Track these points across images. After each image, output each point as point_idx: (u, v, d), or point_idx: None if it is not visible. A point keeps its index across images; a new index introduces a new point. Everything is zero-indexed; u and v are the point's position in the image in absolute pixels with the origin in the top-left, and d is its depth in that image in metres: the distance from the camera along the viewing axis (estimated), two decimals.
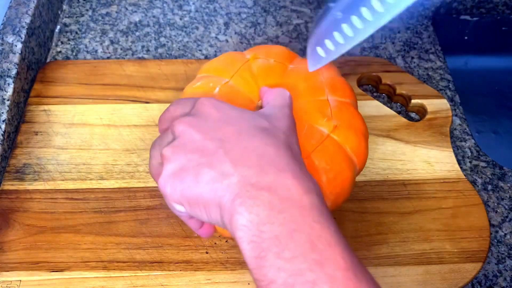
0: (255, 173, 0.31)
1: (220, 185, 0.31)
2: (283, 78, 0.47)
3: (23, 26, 0.58)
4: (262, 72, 0.46)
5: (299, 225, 0.29)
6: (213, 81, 0.46)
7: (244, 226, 0.29)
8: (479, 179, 0.54)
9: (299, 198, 0.30)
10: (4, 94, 0.53)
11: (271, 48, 0.50)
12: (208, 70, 0.48)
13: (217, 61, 0.49)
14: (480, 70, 0.68)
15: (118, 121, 0.56)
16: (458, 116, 0.59)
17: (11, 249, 0.46)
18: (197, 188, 0.32)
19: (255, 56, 0.48)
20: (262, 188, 0.30)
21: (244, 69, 0.47)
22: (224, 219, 0.31)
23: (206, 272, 0.46)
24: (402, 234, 0.48)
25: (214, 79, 0.46)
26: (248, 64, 0.47)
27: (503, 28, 0.72)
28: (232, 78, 0.46)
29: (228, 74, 0.46)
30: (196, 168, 0.32)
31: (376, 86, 0.61)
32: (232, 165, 0.31)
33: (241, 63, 0.47)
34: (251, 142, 0.32)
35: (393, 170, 0.53)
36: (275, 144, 0.32)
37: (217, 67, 0.48)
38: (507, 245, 0.50)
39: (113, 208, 0.49)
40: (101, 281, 0.45)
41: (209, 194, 0.31)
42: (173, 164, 0.33)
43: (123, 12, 0.69)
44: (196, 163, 0.32)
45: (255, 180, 0.30)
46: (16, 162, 0.52)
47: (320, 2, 0.71)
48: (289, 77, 0.47)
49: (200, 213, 0.33)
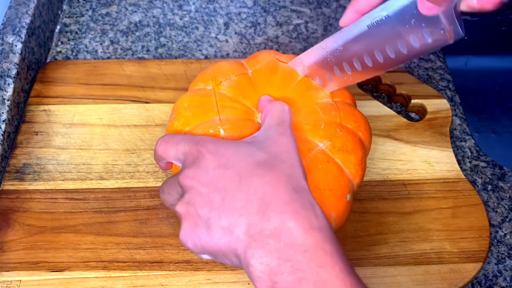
0: (259, 220, 0.32)
1: (231, 237, 0.33)
2: (254, 83, 0.46)
3: (23, 26, 0.58)
4: (235, 91, 0.45)
5: (305, 273, 0.30)
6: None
7: (258, 277, 0.31)
8: (479, 179, 0.54)
9: (302, 240, 0.31)
10: (4, 94, 0.53)
11: (219, 67, 0.48)
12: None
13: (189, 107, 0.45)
14: (480, 70, 0.69)
15: (118, 121, 0.56)
16: (458, 116, 0.59)
17: (11, 249, 0.46)
18: (213, 242, 0.33)
19: (216, 83, 0.46)
20: (268, 236, 0.31)
21: (220, 99, 0.45)
22: (244, 269, 0.33)
23: (206, 272, 0.46)
24: (402, 234, 0.49)
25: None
26: (218, 93, 0.45)
27: (503, 28, 0.72)
28: (218, 113, 0.44)
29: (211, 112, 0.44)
30: (208, 223, 0.34)
31: (376, 86, 0.61)
32: (238, 215, 0.33)
33: (213, 97, 0.45)
34: (251, 185, 0.33)
35: (393, 170, 0.53)
36: (273, 181, 0.33)
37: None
38: (507, 245, 0.50)
39: (113, 208, 0.49)
40: (101, 281, 0.45)
41: (225, 247, 0.33)
42: (188, 221, 0.35)
43: (123, 12, 0.69)
44: (207, 217, 0.34)
45: (259, 228, 0.32)
46: (16, 162, 0.52)
47: (320, 2, 0.71)
48: (258, 79, 0.46)
49: (224, 261, 0.35)
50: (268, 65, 0.47)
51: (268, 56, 0.48)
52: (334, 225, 0.40)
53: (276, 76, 0.46)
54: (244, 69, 0.47)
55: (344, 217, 0.42)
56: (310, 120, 0.43)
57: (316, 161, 0.41)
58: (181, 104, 0.45)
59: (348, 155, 0.42)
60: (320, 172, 0.40)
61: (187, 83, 0.59)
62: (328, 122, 0.43)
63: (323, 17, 0.70)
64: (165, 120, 0.56)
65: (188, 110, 0.44)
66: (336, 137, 0.42)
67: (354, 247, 0.47)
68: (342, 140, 0.42)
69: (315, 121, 0.43)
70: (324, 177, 0.40)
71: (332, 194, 0.40)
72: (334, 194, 0.40)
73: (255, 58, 0.49)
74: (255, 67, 0.47)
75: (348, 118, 0.44)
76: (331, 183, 0.40)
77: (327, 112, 0.44)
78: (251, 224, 0.32)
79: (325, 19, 0.69)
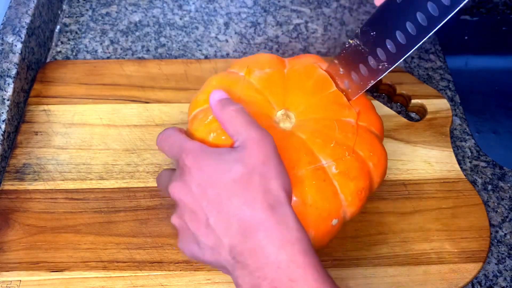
0: (239, 241, 0.34)
1: (219, 257, 0.35)
2: (286, 82, 0.46)
3: (23, 26, 0.58)
4: (264, 83, 0.45)
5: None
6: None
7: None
8: (479, 179, 0.54)
9: (275, 257, 0.33)
10: (4, 94, 0.53)
11: (259, 57, 0.48)
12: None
13: (216, 86, 0.45)
14: (480, 70, 0.69)
15: (118, 121, 0.56)
16: (458, 116, 0.59)
17: (11, 249, 0.46)
18: (205, 258, 0.36)
19: (249, 70, 0.46)
20: (247, 257, 0.33)
21: (246, 88, 0.45)
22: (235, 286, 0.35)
23: (206, 272, 0.46)
24: (402, 234, 0.48)
25: None
26: (247, 80, 0.46)
27: (503, 28, 0.72)
28: (239, 100, 0.43)
29: (233, 98, 0.44)
30: (198, 241, 0.36)
31: (376, 86, 0.61)
32: (222, 235, 0.34)
33: (242, 83, 0.45)
34: (230, 207, 0.34)
35: (393, 170, 0.53)
36: (249, 200, 0.34)
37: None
38: (507, 245, 0.50)
39: (113, 208, 0.49)
40: (101, 281, 0.45)
41: (216, 264, 0.36)
42: (182, 234, 0.37)
43: (123, 12, 0.69)
44: (197, 234, 0.35)
45: (240, 249, 0.34)
46: (16, 162, 0.52)
47: (320, 2, 0.71)
48: (291, 79, 0.46)
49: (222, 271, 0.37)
50: (306, 68, 0.46)
51: (310, 60, 0.48)
52: (313, 244, 0.40)
53: (309, 81, 0.46)
54: (283, 66, 0.47)
55: (325, 239, 0.42)
56: (322, 135, 0.42)
57: (313, 176, 0.40)
58: (211, 81, 0.46)
59: (348, 181, 0.41)
60: (312, 188, 0.39)
61: (187, 83, 0.59)
62: (340, 142, 0.42)
63: (323, 17, 0.70)
64: (165, 120, 0.56)
65: (215, 87, 0.43)
66: (342, 159, 0.41)
67: (354, 247, 0.47)
68: (347, 165, 0.41)
69: (326, 137, 0.42)
70: (315, 194, 0.39)
71: (316, 213, 0.39)
72: (319, 214, 0.39)
73: (298, 59, 0.48)
74: (294, 67, 0.47)
75: (363, 145, 0.42)
76: (319, 202, 0.40)
77: (343, 132, 0.42)
78: (233, 245, 0.34)
79: (325, 19, 0.69)
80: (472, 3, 0.71)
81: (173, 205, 0.44)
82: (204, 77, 0.54)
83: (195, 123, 0.43)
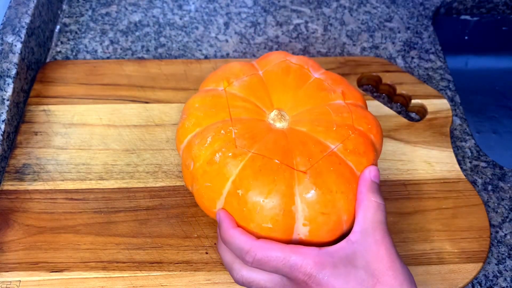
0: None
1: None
2: (265, 84, 0.46)
3: (22, 26, 0.58)
4: (247, 91, 0.45)
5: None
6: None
7: None
8: (479, 179, 0.54)
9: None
10: (4, 94, 0.53)
11: (229, 67, 0.47)
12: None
13: (200, 108, 0.45)
14: (480, 70, 0.69)
15: (118, 121, 0.56)
16: (458, 116, 0.59)
17: (10, 249, 0.46)
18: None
19: (228, 83, 0.46)
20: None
21: (231, 100, 0.45)
22: None
23: (206, 272, 0.46)
24: (402, 234, 0.48)
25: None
26: (229, 93, 0.45)
27: (503, 28, 0.72)
28: (231, 116, 0.44)
29: (223, 113, 0.44)
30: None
31: (376, 86, 0.61)
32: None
33: (225, 97, 0.45)
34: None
35: (393, 170, 0.53)
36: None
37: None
38: (507, 246, 0.50)
39: (113, 209, 0.49)
40: (100, 282, 0.45)
41: None
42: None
43: (123, 12, 0.69)
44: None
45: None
46: (15, 162, 0.52)
47: (320, 2, 0.71)
48: (270, 80, 0.46)
49: None
50: (280, 66, 0.46)
51: (279, 57, 0.48)
52: (346, 228, 0.40)
53: (288, 77, 0.46)
54: (254, 70, 0.47)
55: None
56: (322, 122, 0.42)
57: (328, 163, 0.40)
58: (192, 104, 0.45)
59: (360, 158, 0.41)
60: (332, 175, 0.40)
61: (187, 83, 0.59)
62: (340, 124, 0.42)
63: (323, 17, 0.70)
64: (165, 120, 0.56)
65: (199, 110, 0.44)
66: (349, 139, 0.41)
67: None
68: (354, 143, 0.41)
69: (327, 123, 0.42)
70: (336, 180, 0.40)
71: (343, 197, 0.40)
72: (346, 197, 0.40)
73: (266, 59, 0.48)
74: (266, 67, 0.47)
75: (360, 120, 0.43)
76: (343, 186, 0.40)
77: (339, 114, 0.43)
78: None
79: (325, 19, 0.69)
80: (472, 3, 0.71)
81: (173, 205, 0.44)
82: (204, 77, 0.54)
83: (194, 148, 0.42)
